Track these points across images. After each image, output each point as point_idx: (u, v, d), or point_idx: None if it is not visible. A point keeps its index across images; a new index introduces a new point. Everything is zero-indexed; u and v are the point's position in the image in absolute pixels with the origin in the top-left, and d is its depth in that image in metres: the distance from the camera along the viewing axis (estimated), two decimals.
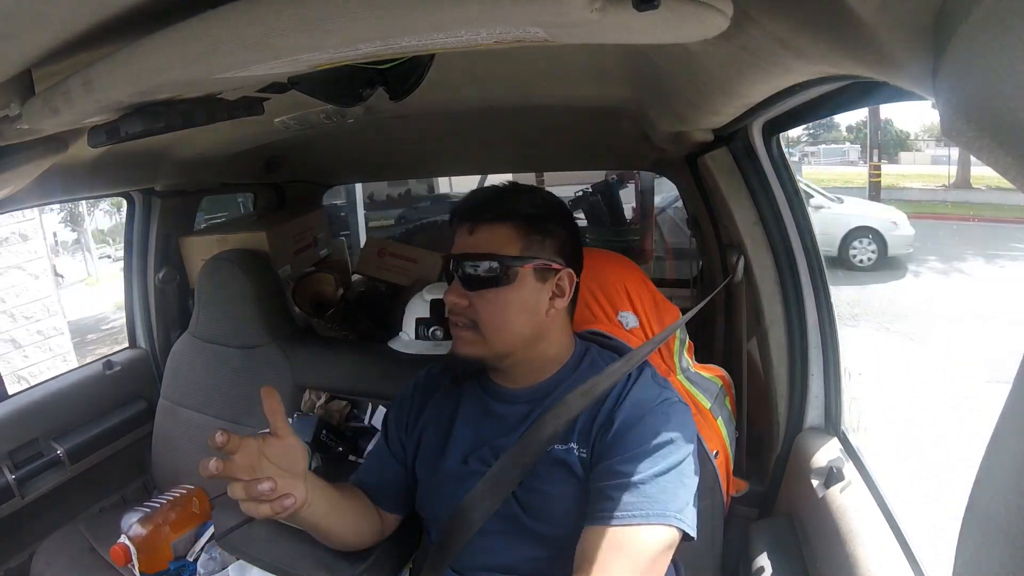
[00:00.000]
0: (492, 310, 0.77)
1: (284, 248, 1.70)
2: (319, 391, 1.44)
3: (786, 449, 1.07)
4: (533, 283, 0.78)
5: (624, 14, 0.38)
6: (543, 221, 0.81)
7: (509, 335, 0.78)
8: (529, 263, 0.78)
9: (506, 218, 0.79)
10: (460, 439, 0.85)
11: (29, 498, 1.37)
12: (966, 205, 9.44)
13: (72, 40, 0.48)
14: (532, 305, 0.78)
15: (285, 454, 0.71)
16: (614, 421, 0.75)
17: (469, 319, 0.78)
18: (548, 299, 0.79)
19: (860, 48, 0.39)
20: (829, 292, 1.03)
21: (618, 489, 0.70)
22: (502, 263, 0.77)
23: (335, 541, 0.88)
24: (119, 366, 1.65)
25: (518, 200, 0.82)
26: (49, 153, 0.80)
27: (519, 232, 0.79)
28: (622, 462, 0.72)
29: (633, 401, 0.77)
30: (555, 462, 0.77)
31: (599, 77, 1.01)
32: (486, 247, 0.78)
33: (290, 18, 0.39)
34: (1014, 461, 0.25)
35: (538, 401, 0.81)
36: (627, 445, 0.73)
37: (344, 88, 0.80)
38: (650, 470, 0.70)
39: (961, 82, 0.27)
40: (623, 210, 4.69)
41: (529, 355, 0.81)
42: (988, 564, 0.26)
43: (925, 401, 3.61)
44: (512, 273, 0.77)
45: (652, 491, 0.69)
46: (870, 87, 0.62)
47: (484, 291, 0.77)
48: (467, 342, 0.79)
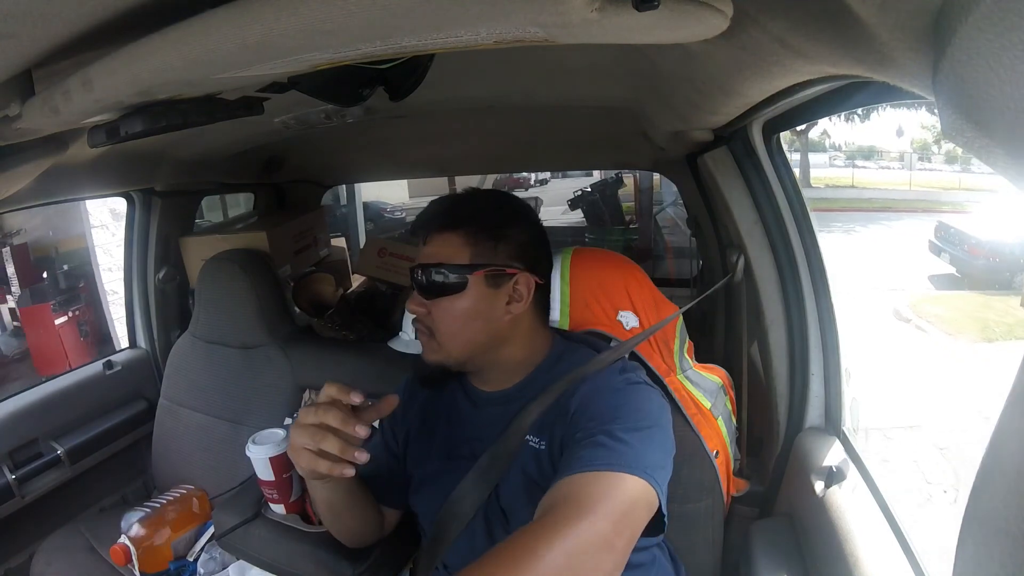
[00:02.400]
0: (445, 318, 0.79)
1: (284, 248, 1.70)
2: (319, 391, 1.44)
3: (786, 449, 1.07)
4: (484, 289, 0.79)
5: (624, 14, 0.38)
6: (496, 227, 0.80)
7: (464, 341, 0.79)
8: (479, 270, 0.78)
9: (455, 226, 0.80)
10: (442, 437, 0.87)
11: (29, 498, 1.37)
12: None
13: (72, 40, 0.48)
14: (485, 311, 0.79)
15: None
16: (570, 407, 0.75)
17: (427, 327, 0.80)
18: (504, 304, 0.79)
19: (860, 48, 0.39)
20: (829, 292, 1.02)
21: (581, 447, 0.68)
22: (448, 272, 0.78)
23: (344, 524, 0.89)
24: (119, 366, 1.65)
25: (469, 208, 0.82)
26: (49, 153, 0.80)
27: (468, 240, 0.79)
28: (582, 428, 0.71)
29: (591, 385, 0.77)
30: (523, 456, 0.78)
31: (599, 76, 1.01)
32: (436, 257, 0.79)
33: (290, 18, 0.39)
34: (1014, 461, 0.25)
35: (512, 402, 0.82)
36: (587, 416, 0.72)
37: (344, 88, 0.81)
38: (613, 428, 0.68)
39: (961, 82, 0.27)
40: (622, 210, 4.70)
41: (494, 359, 0.82)
42: (988, 564, 0.26)
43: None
44: (460, 281, 0.78)
45: (617, 446, 0.66)
46: (870, 87, 0.62)
47: (439, 299, 0.79)
48: (428, 349, 0.82)
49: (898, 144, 17.97)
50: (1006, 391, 0.27)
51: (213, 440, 1.46)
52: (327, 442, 0.67)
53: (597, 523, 0.58)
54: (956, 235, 7.54)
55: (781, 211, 1.02)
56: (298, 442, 0.69)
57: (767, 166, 1.00)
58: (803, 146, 14.34)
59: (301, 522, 1.04)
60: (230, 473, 1.33)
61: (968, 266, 7.16)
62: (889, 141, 18.10)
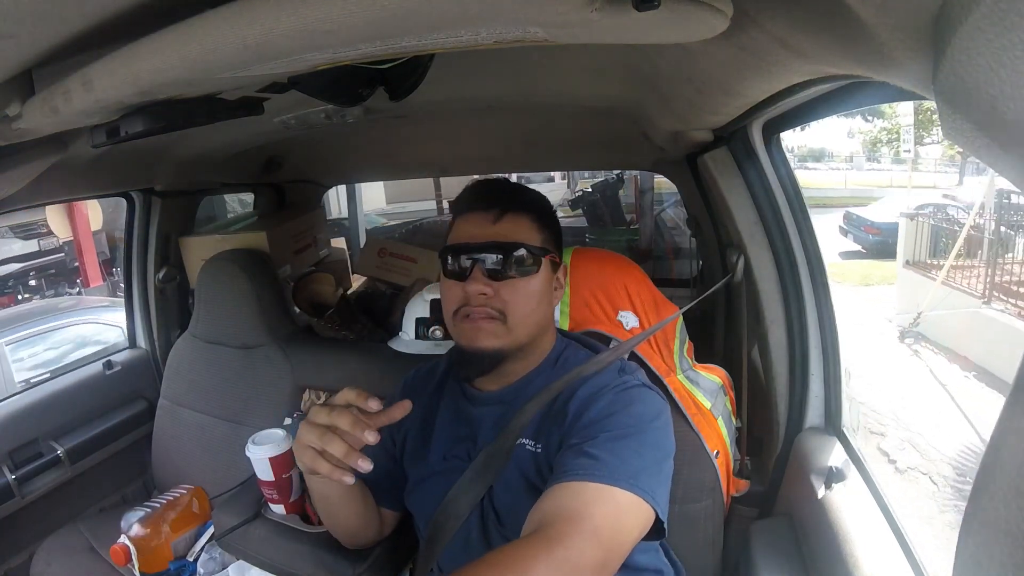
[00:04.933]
0: (519, 299, 0.77)
1: (284, 248, 1.70)
2: (319, 391, 1.44)
3: (786, 449, 1.06)
4: (549, 274, 0.81)
5: (624, 14, 0.38)
6: (548, 216, 0.84)
7: (533, 325, 0.79)
8: (547, 254, 0.81)
9: (527, 209, 0.81)
10: (439, 438, 0.87)
11: (29, 498, 1.37)
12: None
13: (72, 40, 0.48)
14: (548, 296, 0.81)
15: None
16: (568, 411, 0.75)
17: (495, 309, 0.76)
18: (554, 291, 0.83)
19: (860, 48, 0.39)
20: (829, 292, 1.02)
21: (574, 453, 0.68)
22: (530, 252, 0.78)
23: (342, 522, 0.89)
24: (119, 366, 1.65)
25: (530, 195, 0.84)
26: (49, 153, 0.80)
27: (537, 224, 0.81)
28: (576, 433, 0.71)
29: (589, 387, 0.77)
30: (520, 458, 0.78)
31: (599, 77, 1.01)
32: (514, 236, 0.78)
33: (290, 18, 0.39)
34: (1014, 461, 0.25)
35: (510, 402, 0.82)
36: (583, 420, 0.72)
37: (344, 88, 0.81)
38: (604, 436, 0.68)
39: (961, 82, 0.27)
40: (623, 209, 4.69)
41: (536, 346, 0.83)
42: (988, 564, 0.26)
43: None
44: (535, 263, 0.78)
45: (607, 457, 0.66)
46: (870, 87, 0.62)
47: (512, 280, 0.77)
48: (490, 334, 0.76)
49: (849, 145, 18.80)
50: (1007, 389, 0.27)
51: (213, 440, 1.46)
52: (333, 444, 0.66)
53: (586, 541, 0.58)
54: (857, 219, 9.72)
55: (781, 211, 1.02)
56: (304, 439, 0.68)
57: (767, 166, 1.00)
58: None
59: (301, 522, 1.04)
60: (230, 473, 1.33)
61: (865, 242, 9.41)
62: (840, 143, 18.97)
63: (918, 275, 6.05)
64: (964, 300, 5.04)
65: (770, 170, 1.01)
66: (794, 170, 1.05)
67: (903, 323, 5.59)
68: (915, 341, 5.35)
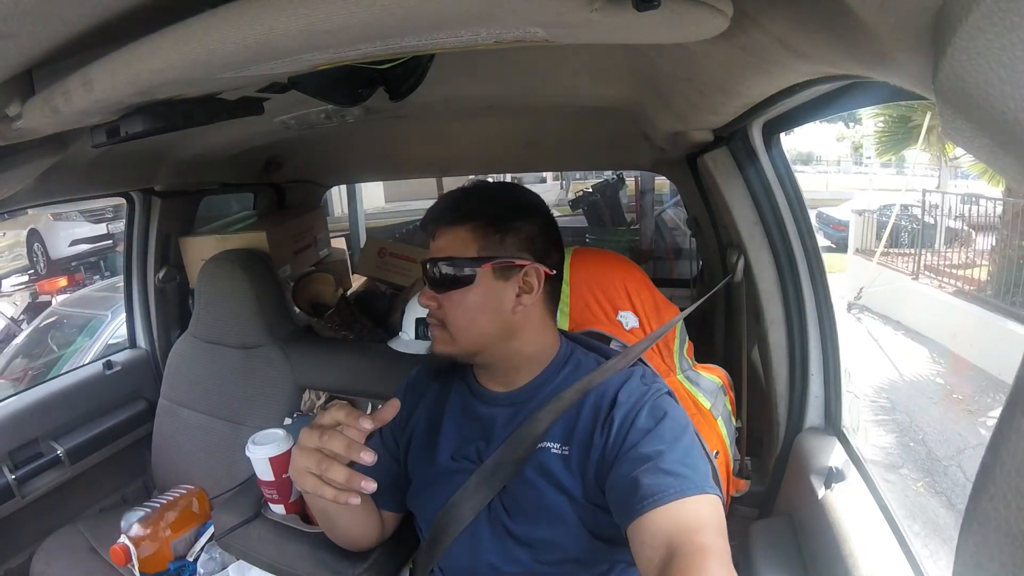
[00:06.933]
0: (456, 311, 0.79)
1: (284, 248, 1.70)
2: (319, 391, 1.44)
3: (786, 449, 1.07)
4: (493, 282, 0.79)
5: (624, 14, 0.38)
6: (502, 219, 0.80)
7: (475, 334, 0.80)
8: (487, 263, 0.78)
9: (463, 220, 0.80)
10: (447, 437, 0.86)
11: (29, 498, 1.37)
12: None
13: (72, 40, 0.48)
14: (495, 304, 0.79)
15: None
16: (614, 418, 0.75)
17: (438, 319, 0.81)
18: (514, 296, 0.80)
19: (860, 48, 0.39)
20: (829, 292, 1.02)
21: (651, 474, 0.68)
22: (456, 265, 0.79)
23: (342, 532, 0.89)
24: (119, 366, 1.65)
25: (475, 201, 0.83)
26: (49, 153, 0.80)
27: (476, 233, 0.79)
28: (632, 449, 0.71)
29: (628, 397, 0.77)
30: (534, 461, 0.78)
31: (599, 77, 1.01)
32: (444, 251, 0.80)
33: (290, 18, 0.39)
34: (1014, 461, 0.25)
35: (522, 404, 0.82)
36: (633, 434, 0.73)
37: (344, 88, 0.81)
38: (672, 451, 0.69)
39: (961, 82, 0.27)
40: (623, 210, 4.69)
41: (503, 352, 0.82)
42: (988, 564, 0.26)
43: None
44: (468, 274, 0.78)
45: (682, 470, 0.68)
46: (870, 87, 0.62)
47: (449, 292, 0.79)
48: (439, 341, 0.82)
49: (837, 149, 19.02)
50: (925, 341, 0.27)
51: (213, 440, 1.46)
52: (332, 471, 0.65)
53: (724, 554, 0.60)
54: (827, 218, 10.97)
55: (781, 211, 1.02)
56: (301, 464, 0.68)
57: (767, 166, 1.00)
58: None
59: (301, 522, 1.04)
60: (230, 473, 1.34)
61: (833, 237, 10.41)
62: (828, 147, 19.17)
63: (863, 259, 7.77)
64: (898, 277, 6.88)
65: (770, 170, 1.01)
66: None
67: (850, 298, 7.03)
68: (859, 311, 6.87)
